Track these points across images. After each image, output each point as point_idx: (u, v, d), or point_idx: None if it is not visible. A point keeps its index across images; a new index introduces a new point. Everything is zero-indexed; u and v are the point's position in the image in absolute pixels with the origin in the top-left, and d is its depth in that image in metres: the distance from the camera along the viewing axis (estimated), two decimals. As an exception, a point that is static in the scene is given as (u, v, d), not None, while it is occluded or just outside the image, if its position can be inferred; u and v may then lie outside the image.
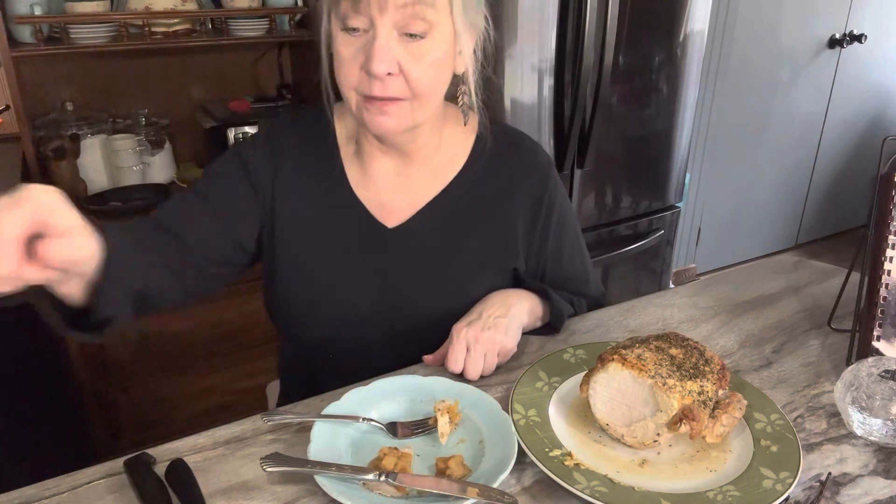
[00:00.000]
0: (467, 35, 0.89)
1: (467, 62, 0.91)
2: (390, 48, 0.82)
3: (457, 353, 0.91)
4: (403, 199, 1.00)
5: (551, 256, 1.08)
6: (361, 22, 0.83)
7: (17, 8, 1.79)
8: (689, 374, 0.77)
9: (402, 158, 0.99)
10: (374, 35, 0.82)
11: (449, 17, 0.85)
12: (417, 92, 0.86)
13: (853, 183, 3.51)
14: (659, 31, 2.07)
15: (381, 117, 0.87)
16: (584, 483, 0.71)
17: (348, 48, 0.85)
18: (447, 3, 0.85)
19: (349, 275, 0.99)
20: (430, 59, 0.86)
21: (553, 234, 1.06)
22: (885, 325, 0.93)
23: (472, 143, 1.02)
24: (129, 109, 2.16)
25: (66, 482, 0.75)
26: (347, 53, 0.85)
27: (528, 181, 1.03)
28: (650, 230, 2.35)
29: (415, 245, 0.99)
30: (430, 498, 0.71)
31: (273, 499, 0.73)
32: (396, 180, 1.00)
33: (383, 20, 0.81)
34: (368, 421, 0.82)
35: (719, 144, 2.96)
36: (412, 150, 0.98)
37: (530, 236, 1.05)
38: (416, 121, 0.90)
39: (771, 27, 2.87)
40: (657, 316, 1.11)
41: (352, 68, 0.85)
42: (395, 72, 0.84)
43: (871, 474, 0.77)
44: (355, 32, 0.84)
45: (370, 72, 0.83)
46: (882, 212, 0.93)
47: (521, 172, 1.03)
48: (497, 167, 1.02)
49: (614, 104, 2.07)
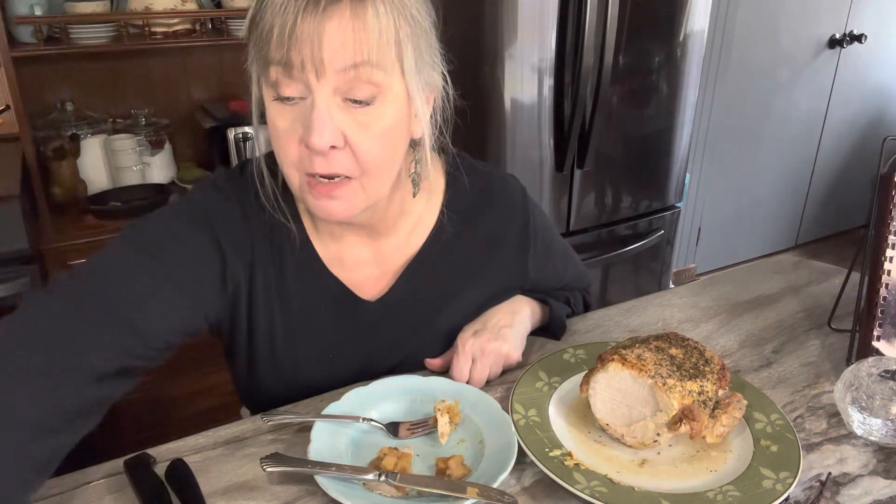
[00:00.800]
0: (422, 97, 0.77)
1: (423, 127, 0.80)
2: (332, 118, 0.71)
3: (462, 364, 0.89)
4: (376, 271, 0.92)
5: (549, 276, 1.07)
6: (296, 89, 0.71)
7: (17, 8, 1.79)
8: (689, 374, 0.77)
9: (365, 233, 0.89)
10: (312, 103, 0.70)
11: (400, 77, 0.74)
12: (366, 167, 0.75)
13: (853, 183, 3.51)
14: (659, 31, 2.07)
15: (328, 202, 0.76)
16: (584, 483, 0.71)
17: (283, 119, 0.73)
18: (396, 63, 0.72)
19: (331, 349, 0.92)
20: (380, 128, 0.74)
21: (546, 259, 1.04)
22: (885, 325, 0.93)
23: (441, 202, 0.93)
24: (129, 109, 2.16)
25: (66, 482, 0.75)
26: (283, 125, 0.73)
27: (510, 224, 0.98)
28: (650, 230, 2.34)
29: (396, 315, 0.93)
30: (430, 498, 0.71)
31: (273, 499, 0.73)
32: (364, 255, 0.91)
33: (321, 86, 0.70)
34: (368, 421, 0.82)
35: (719, 144, 2.96)
36: (373, 224, 0.88)
37: (523, 272, 1.02)
38: (370, 200, 0.79)
39: (771, 27, 2.87)
40: (657, 316, 1.11)
41: (290, 143, 0.73)
42: (340, 144, 0.72)
43: (871, 474, 0.77)
44: (290, 101, 0.72)
45: (310, 146, 0.71)
46: (882, 212, 0.93)
47: (501, 217, 0.97)
48: (475, 221, 0.95)
49: (614, 104, 2.07)
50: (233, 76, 2.31)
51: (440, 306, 0.95)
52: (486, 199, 0.96)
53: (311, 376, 0.91)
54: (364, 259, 0.91)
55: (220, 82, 2.30)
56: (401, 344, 0.94)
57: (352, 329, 0.91)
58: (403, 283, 0.92)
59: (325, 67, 0.69)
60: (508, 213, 0.98)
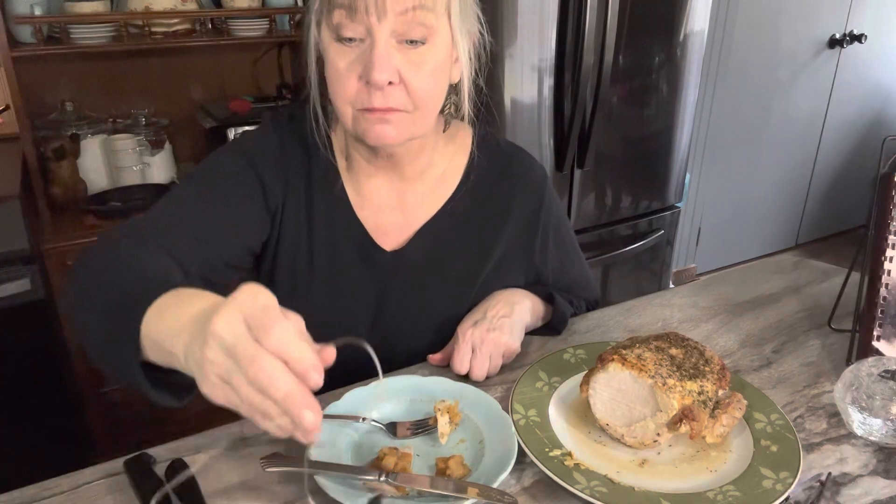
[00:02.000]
0: (464, 41, 0.86)
1: (463, 69, 0.88)
2: (391, 56, 0.79)
3: (462, 354, 0.90)
4: (398, 219, 0.97)
5: (553, 270, 1.08)
6: (357, 31, 0.79)
7: (17, 8, 1.79)
8: (689, 374, 0.77)
9: (395, 175, 0.96)
10: (372, 43, 0.78)
11: (447, 22, 0.83)
12: (418, 102, 0.83)
13: (853, 183, 3.50)
14: (659, 31, 2.07)
15: (381, 126, 0.83)
16: (584, 483, 0.71)
17: (343, 59, 0.80)
18: (445, 8, 0.82)
19: (346, 295, 0.96)
20: (430, 67, 0.82)
21: (553, 248, 1.06)
22: (885, 325, 0.93)
23: (466, 162, 1.00)
24: (129, 109, 2.16)
25: (66, 482, 0.75)
26: (343, 64, 0.81)
27: (522, 199, 1.01)
28: (650, 230, 2.34)
29: (410, 268, 0.97)
30: (430, 498, 0.71)
31: (273, 499, 0.73)
32: (390, 199, 0.97)
33: (382, 28, 0.78)
34: (369, 421, 0.82)
35: (719, 144, 2.96)
36: (405, 165, 0.95)
37: (528, 253, 1.04)
38: (416, 133, 0.87)
39: (771, 27, 2.87)
40: (657, 316, 1.11)
41: (349, 80, 0.81)
42: (396, 80, 0.80)
43: (871, 474, 0.77)
44: (350, 43, 0.80)
45: (371, 81, 0.78)
46: (882, 212, 0.93)
47: (515, 191, 1.01)
48: (492, 186, 1.00)
49: (614, 104, 2.07)
50: (233, 76, 2.31)
51: (449, 268, 0.99)
52: (506, 172, 1.01)
53: (324, 309, 0.95)
54: (389, 204, 0.97)
55: (220, 82, 2.30)
56: (410, 297, 0.97)
57: (367, 274, 0.96)
58: (420, 240, 0.97)
59: (386, 10, 0.77)
60: (525, 189, 1.02)
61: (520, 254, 1.04)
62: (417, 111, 0.84)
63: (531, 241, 1.04)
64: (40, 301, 1.67)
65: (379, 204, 0.97)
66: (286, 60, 2.38)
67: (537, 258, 1.05)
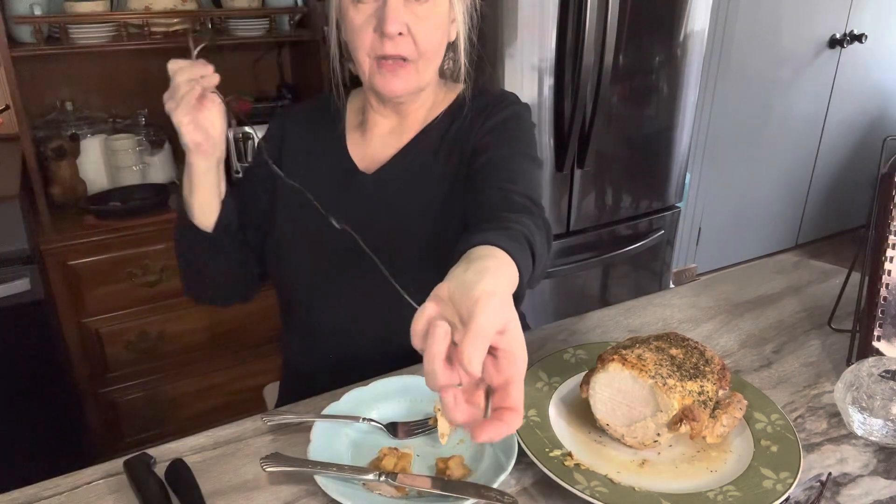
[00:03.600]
0: (460, 3, 1.00)
1: (459, 28, 1.02)
2: (400, 11, 0.93)
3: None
4: (390, 154, 1.07)
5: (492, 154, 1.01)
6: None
7: (17, 8, 1.79)
8: (689, 374, 0.77)
9: (399, 119, 1.07)
10: (384, 1, 0.92)
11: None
12: (423, 51, 0.96)
13: (853, 183, 3.50)
14: (659, 31, 2.07)
15: (392, 78, 0.97)
16: (584, 483, 0.71)
17: (360, 16, 0.95)
18: None
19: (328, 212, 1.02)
20: (433, 21, 0.96)
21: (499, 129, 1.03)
22: (886, 325, 0.93)
23: (452, 101, 1.07)
24: (129, 109, 2.16)
25: (66, 482, 0.75)
26: (360, 20, 0.95)
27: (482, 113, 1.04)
28: (650, 230, 2.34)
29: (385, 190, 1.05)
30: (430, 498, 0.71)
31: (273, 499, 0.73)
32: (390, 139, 1.07)
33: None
34: (368, 421, 0.82)
35: (719, 144, 2.96)
36: (409, 112, 1.06)
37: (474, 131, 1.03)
38: (421, 83, 1.00)
39: (771, 27, 2.87)
40: (657, 316, 1.11)
41: (365, 33, 0.95)
42: (405, 32, 0.94)
43: (872, 474, 0.77)
44: (364, 2, 0.94)
45: (385, 32, 0.92)
46: (882, 212, 0.93)
47: (480, 117, 1.04)
48: (472, 124, 1.04)
49: (614, 104, 2.07)
50: (233, 76, 2.31)
51: (411, 197, 1.04)
52: (485, 105, 1.06)
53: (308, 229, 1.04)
54: (386, 143, 1.07)
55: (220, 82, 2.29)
56: (385, 218, 1.03)
57: (346, 196, 1.06)
58: (398, 160, 1.05)
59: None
60: (486, 107, 1.05)
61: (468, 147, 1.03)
62: (421, 59, 0.97)
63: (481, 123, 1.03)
64: (40, 301, 1.67)
65: (378, 143, 1.08)
66: (286, 60, 2.38)
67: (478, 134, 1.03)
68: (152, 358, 1.96)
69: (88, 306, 1.84)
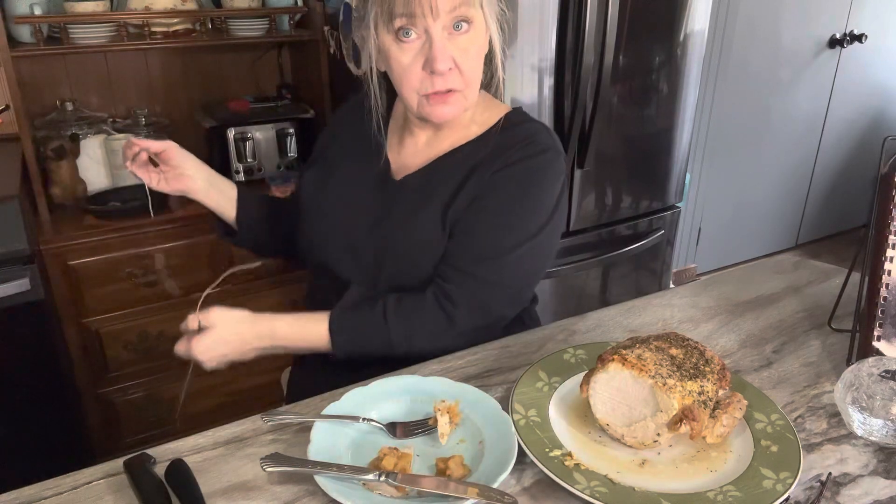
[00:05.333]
0: (493, 22, 1.01)
1: (494, 43, 1.03)
2: (446, 48, 0.94)
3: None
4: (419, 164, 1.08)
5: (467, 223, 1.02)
6: (417, 31, 0.94)
7: (17, 8, 1.79)
8: (689, 374, 0.77)
9: (434, 131, 1.08)
10: (429, 40, 0.93)
11: (481, 10, 0.97)
12: (468, 81, 0.98)
13: (853, 183, 3.50)
14: (659, 31, 2.07)
15: (443, 107, 0.98)
16: (584, 483, 0.71)
17: (406, 55, 0.95)
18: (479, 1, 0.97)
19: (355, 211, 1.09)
20: (475, 50, 0.98)
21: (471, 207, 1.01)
22: (886, 325, 0.93)
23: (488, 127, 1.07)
24: (129, 109, 2.16)
25: (66, 482, 0.75)
26: (407, 59, 0.95)
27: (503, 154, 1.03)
28: (650, 230, 2.34)
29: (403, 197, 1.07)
30: (430, 498, 0.71)
31: (273, 499, 0.73)
32: (423, 149, 1.09)
33: (436, 26, 0.92)
34: (368, 421, 0.82)
35: (719, 144, 2.96)
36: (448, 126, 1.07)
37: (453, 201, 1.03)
38: (467, 106, 1.02)
39: (771, 27, 2.87)
40: (657, 316, 1.11)
41: (413, 72, 0.96)
42: (452, 66, 0.95)
43: (872, 474, 0.77)
44: (409, 39, 0.94)
45: (435, 70, 0.94)
46: (882, 212, 0.93)
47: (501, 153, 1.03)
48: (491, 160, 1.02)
49: (614, 104, 2.07)
50: (233, 76, 2.31)
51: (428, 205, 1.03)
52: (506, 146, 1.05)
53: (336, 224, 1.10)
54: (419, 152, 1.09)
55: (220, 82, 2.29)
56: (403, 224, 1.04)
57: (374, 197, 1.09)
58: (422, 173, 1.07)
59: (438, 11, 0.92)
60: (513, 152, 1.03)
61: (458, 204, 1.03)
62: (468, 88, 0.99)
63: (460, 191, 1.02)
64: (40, 301, 1.67)
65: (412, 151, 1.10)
66: (286, 60, 2.38)
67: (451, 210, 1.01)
68: (152, 358, 1.96)
69: (88, 306, 1.84)
